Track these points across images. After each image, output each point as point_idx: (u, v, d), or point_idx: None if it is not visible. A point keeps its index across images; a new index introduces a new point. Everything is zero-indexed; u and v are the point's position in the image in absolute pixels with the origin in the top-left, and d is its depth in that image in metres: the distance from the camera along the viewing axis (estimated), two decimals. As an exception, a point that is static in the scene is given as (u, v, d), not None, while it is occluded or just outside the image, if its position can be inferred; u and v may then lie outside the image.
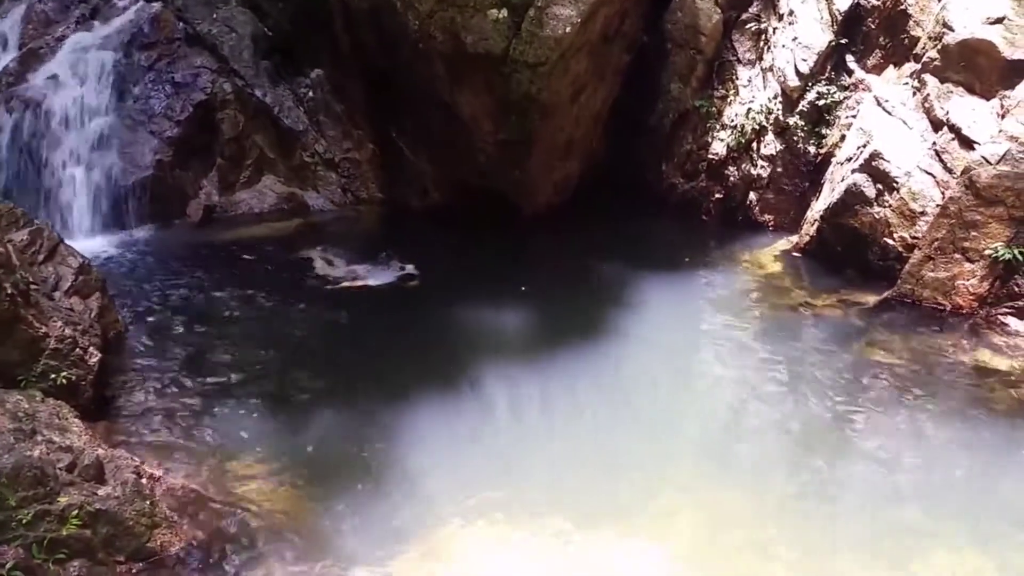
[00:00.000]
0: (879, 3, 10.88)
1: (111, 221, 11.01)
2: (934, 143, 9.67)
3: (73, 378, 6.42)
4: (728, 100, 12.43)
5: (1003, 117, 9.09)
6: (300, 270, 10.11)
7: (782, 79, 11.69)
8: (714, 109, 12.45)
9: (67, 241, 7.98)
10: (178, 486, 5.83)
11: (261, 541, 5.47)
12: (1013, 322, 8.68)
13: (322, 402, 7.19)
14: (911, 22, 10.56)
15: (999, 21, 9.33)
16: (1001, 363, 7.99)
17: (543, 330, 8.62)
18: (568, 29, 10.22)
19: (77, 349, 6.63)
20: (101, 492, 5.18)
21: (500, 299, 9.17)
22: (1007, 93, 9.22)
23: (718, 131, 12.45)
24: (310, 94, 12.34)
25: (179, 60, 12.00)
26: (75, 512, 4.93)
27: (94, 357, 6.79)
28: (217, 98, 11.81)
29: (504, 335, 8.52)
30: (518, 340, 8.41)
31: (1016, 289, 8.76)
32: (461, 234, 11.03)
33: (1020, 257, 8.66)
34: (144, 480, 5.59)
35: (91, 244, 10.23)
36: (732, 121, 12.27)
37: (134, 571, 5.04)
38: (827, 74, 11.41)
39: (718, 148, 12.44)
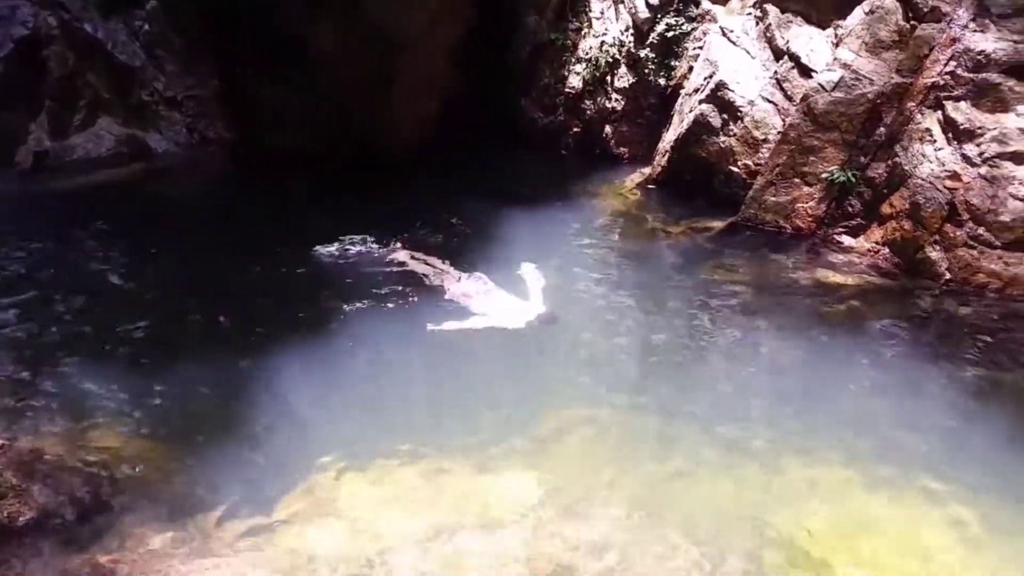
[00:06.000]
0: (722, -66, 11.15)
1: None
2: (775, 72, 10.11)
3: None
4: (583, 33, 12.52)
5: (837, 46, 9.57)
6: (143, 214, 9.56)
7: (633, 11, 11.85)
8: (569, 42, 12.52)
9: None
10: (26, 452, 5.48)
11: (123, 504, 5.18)
12: (847, 240, 9.32)
13: (178, 355, 6.85)
14: (752, -47, 10.89)
15: (832, -47, 9.75)
16: (837, 279, 8.59)
17: (411, 276, 8.50)
18: (419, -43, 9.97)
19: None
20: (-65, 465, 4.83)
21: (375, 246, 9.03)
22: (840, 23, 9.70)
23: (574, 64, 12.55)
24: (146, 27, 11.53)
25: (-8, -9, 10.92)
26: (-98, 489, 4.57)
27: (-84, 321, 6.25)
28: (41, 33, 10.86)
29: (367, 280, 8.39)
30: (383, 286, 8.27)
31: (850, 209, 9.38)
32: (323, 177, 10.62)
33: (853, 179, 9.26)
34: (-15, 449, 5.24)
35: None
36: (587, 54, 12.39)
37: (-22, 546, 4.73)
38: (675, 5, 11.66)
39: (574, 82, 12.57)
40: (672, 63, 11.69)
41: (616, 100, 12.26)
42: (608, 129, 12.44)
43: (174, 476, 5.54)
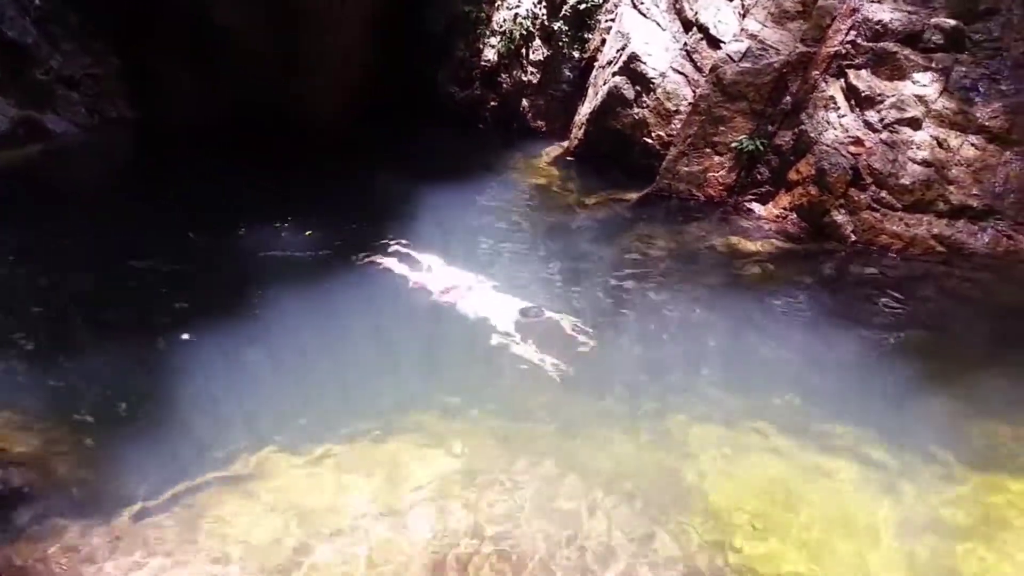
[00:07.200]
0: (631, -94, 11.20)
1: None
2: (685, 43, 10.26)
3: None
4: (496, 5, 12.46)
5: (744, 16, 9.76)
6: (42, 199, 9.11)
7: (545, -17, 11.85)
8: (483, 15, 12.45)
9: None
10: (-79, 451, 5.19)
11: (37, 499, 4.94)
12: (757, 207, 9.57)
13: (90, 345, 6.57)
14: (661, -75, 10.98)
15: (737, -75, 9.92)
16: (748, 245, 8.82)
17: (329, 259, 8.31)
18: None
19: None
20: None
21: (288, 233, 8.79)
22: (746, -6, 9.90)
23: (488, 37, 12.49)
24: (37, 3, 10.96)
25: None
26: None
27: None
28: (-82, 9, 10.23)
29: (287, 267, 8.16)
30: (300, 271, 8.04)
31: (759, 177, 9.63)
32: (233, 156, 10.22)
33: (761, 148, 9.49)
34: None
35: None
36: (501, 27, 12.35)
37: None
38: (587, -23, 11.71)
39: (489, 55, 12.51)
40: (585, 35, 11.75)
41: (532, 73, 12.26)
42: (525, 103, 12.44)
43: (90, 468, 5.32)
